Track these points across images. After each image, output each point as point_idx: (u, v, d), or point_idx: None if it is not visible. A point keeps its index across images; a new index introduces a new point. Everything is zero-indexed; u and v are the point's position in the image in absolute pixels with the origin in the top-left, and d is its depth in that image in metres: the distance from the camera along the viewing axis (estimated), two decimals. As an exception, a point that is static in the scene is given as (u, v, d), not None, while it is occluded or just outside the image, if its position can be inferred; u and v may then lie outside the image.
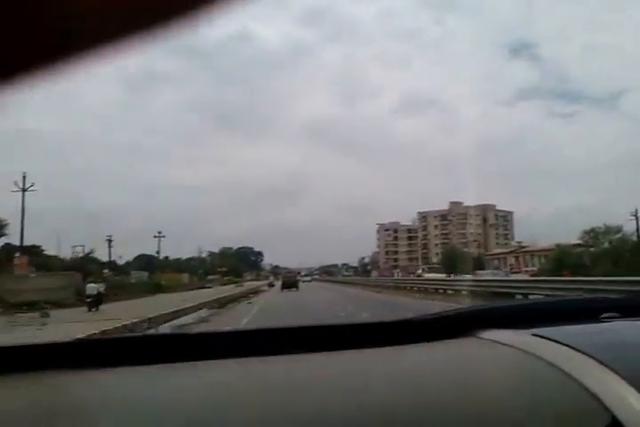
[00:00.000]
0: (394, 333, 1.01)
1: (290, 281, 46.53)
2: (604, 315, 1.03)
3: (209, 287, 58.34)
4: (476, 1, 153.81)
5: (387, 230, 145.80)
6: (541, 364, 0.78)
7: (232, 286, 56.15)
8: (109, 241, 63.56)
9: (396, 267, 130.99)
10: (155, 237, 70.89)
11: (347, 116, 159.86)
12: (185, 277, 76.94)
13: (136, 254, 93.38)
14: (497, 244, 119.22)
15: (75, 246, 58.60)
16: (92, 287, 22.91)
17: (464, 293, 24.05)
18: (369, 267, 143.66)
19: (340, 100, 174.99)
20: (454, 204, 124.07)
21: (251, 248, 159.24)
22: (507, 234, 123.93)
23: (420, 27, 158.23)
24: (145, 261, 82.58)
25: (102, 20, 0.35)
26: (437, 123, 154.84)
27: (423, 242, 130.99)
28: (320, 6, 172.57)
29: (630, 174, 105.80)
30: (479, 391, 0.75)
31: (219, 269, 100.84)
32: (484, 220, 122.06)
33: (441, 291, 29.06)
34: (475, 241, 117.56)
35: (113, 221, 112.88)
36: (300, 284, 49.72)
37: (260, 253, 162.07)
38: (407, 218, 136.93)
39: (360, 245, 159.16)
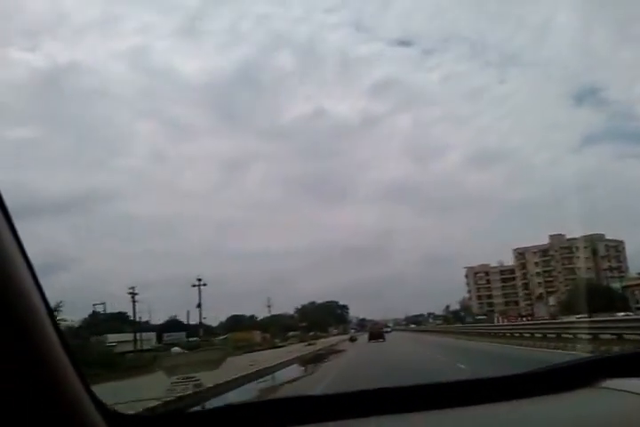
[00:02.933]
0: (518, 386, 0.99)
1: (376, 333, 47.76)
2: None
3: (280, 347, 49.48)
4: (535, 54, 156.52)
5: (477, 273, 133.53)
6: None
7: (302, 344, 46.94)
8: (199, 306, 59.66)
9: (492, 311, 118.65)
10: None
11: (420, 174, 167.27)
12: (257, 335, 68.42)
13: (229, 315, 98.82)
14: (610, 277, 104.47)
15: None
16: None
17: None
18: (462, 313, 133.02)
19: (412, 160, 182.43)
20: (555, 236, 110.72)
21: (336, 302, 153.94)
22: (620, 266, 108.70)
23: (483, 85, 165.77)
24: (234, 321, 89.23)
25: None
26: (508, 173, 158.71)
27: (524, 282, 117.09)
28: (387, 78, 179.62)
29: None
30: None
31: (300, 325, 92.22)
32: (594, 251, 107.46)
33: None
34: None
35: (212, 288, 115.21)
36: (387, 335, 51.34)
37: (345, 307, 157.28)
38: (494, 260, 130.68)
39: (445, 293, 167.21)
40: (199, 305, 58.66)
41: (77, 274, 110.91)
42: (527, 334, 28.90)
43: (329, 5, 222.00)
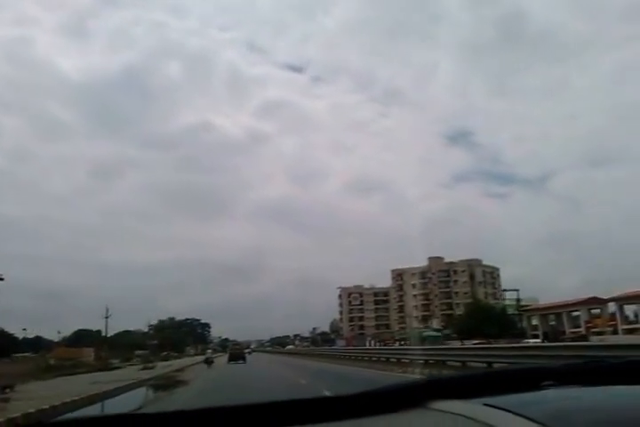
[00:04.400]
0: (347, 406, 1.03)
1: (236, 354, 46.95)
2: (545, 383, 1.09)
3: (113, 369, 38.04)
4: (416, 94, 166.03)
5: (351, 294, 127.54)
6: None
7: (138, 367, 35.72)
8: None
9: (362, 334, 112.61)
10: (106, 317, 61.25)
11: (300, 197, 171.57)
12: (88, 353, 55.90)
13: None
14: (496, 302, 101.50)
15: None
16: None
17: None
18: (332, 336, 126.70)
19: (293, 182, 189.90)
20: (434, 259, 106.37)
21: (198, 320, 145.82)
22: (495, 293, 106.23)
23: (366, 118, 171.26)
24: (79, 336, 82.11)
25: None
26: (384, 202, 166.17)
27: (399, 304, 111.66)
28: (276, 100, 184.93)
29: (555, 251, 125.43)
30: None
31: (150, 343, 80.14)
32: (472, 276, 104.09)
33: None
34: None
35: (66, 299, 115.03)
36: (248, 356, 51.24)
37: (207, 325, 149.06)
38: (369, 283, 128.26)
39: (314, 315, 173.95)
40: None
41: None
42: (406, 360, 27.20)
43: (225, 22, 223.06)
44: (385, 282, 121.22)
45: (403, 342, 77.63)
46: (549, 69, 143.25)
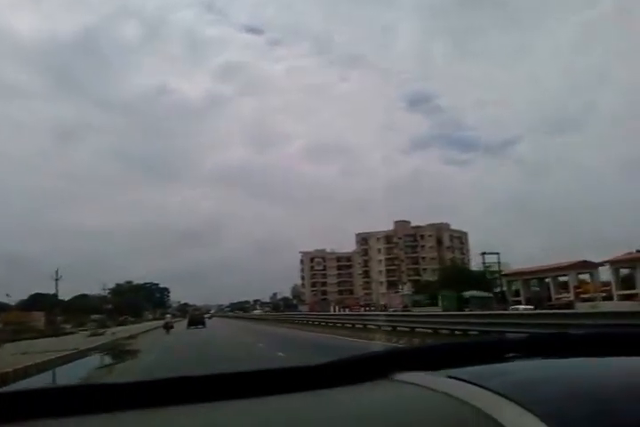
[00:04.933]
0: (310, 377, 1.03)
1: (196, 319, 47.31)
2: (509, 354, 1.10)
3: (65, 334, 34.59)
4: (377, 58, 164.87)
5: (313, 259, 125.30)
6: (457, 404, 0.80)
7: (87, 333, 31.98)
8: None
9: (325, 300, 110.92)
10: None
11: (259, 162, 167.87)
12: (38, 317, 52.13)
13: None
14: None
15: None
16: None
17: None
18: (294, 301, 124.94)
19: (252, 146, 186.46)
20: (400, 223, 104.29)
21: (156, 284, 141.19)
22: (463, 258, 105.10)
23: (326, 81, 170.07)
24: (34, 301, 79.46)
25: None
26: (345, 167, 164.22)
27: (365, 269, 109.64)
28: (234, 63, 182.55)
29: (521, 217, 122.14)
30: None
31: (106, 307, 76.67)
32: (439, 241, 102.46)
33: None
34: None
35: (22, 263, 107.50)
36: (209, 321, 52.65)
37: (166, 290, 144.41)
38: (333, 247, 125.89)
39: (276, 281, 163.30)
40: None
41: None
42: (372, 326, 26.41)
43: None
44: (349, 248, 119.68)
45: (368, 309, 75.86)
46: (512, 32, 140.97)
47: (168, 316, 47.86)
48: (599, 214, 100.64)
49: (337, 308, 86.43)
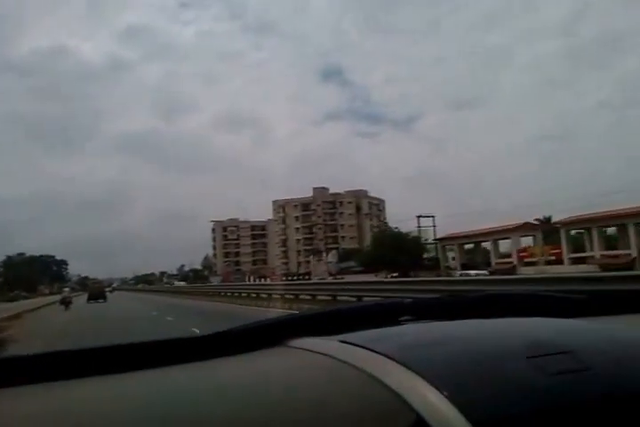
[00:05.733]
0: (206, 347, 1.03)
1: (97, 292, 45.47)
2: (402, 318, 1.10)
3: None
4: (292, 28, 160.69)
5: (226, 228, 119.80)
6: (347, 369, 0.82)
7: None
8: None
9: (239, 270, 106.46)
10: None
11: (167, 130, 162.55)
12: None
13: None
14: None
15: None
16: None
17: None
18: (205, 272, 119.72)
19: (160, 114, 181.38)
20: (319, 190, 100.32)
21: (52, 257, 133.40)
22: (380, 226, 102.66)
23: (238, 49, 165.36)
24: None
25: None
26: (258, 137, 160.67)
27: (282, 238, 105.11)
28: (140, 25, 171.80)
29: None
30: (289, 401, 0.78)
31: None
32: (358, 208, 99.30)
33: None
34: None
35: None
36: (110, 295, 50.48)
37: (64, 262, 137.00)
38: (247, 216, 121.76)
39: (185, 252, 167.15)
40: None
41: None
42: (290, 296, 25.25)
43: None
44: (264, 217, 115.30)
45: (291, 278, 71.78)
46: (423, 9, 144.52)
47: (66, 290, 42.22)
48: (495, 186, 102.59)
49: (252, 278, 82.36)
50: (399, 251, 54.00)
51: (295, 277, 66.76)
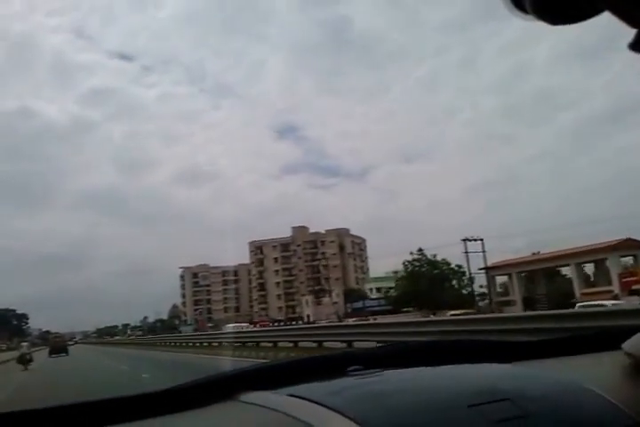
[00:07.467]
0: (158, 402, 1.04)
1: (58, 346, 45.97)
2: (350, 368, 1.11)
3: None
4: (247, 89, 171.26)
5: (196, 274, 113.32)
6: (295, 424, 0.82)
7: None
8: None
9: (210, 318, 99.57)
10: None
11: (129, 186, 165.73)
12: None
13: None
14: (357, 278, 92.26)
15: None
16: None
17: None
18: (176, 322, 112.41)
19: (122, 171, 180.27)
20: (298, 229, 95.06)
21: (13, 310, 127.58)
22: (362, 266, 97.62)
23: (197, 109, 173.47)
24: None
25: None
26: (215, 191, 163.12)
27: (260, 281, 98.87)
28: (104, 88, 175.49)
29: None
30: None
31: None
32: (341, 247, 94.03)
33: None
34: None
35: None
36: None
37: (24, 317, 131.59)
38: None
39: (150, 303, 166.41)
40: None
41: None
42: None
43: (52, 8, 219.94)
44: (237, 261, 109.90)
45: (285, 323, 65.70)
46: (371, 73, 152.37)
47: (24, 344, 34.92)
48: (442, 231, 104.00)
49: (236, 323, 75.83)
50: (440, 284, 47.14)
51: (288, 322, 60.88)
